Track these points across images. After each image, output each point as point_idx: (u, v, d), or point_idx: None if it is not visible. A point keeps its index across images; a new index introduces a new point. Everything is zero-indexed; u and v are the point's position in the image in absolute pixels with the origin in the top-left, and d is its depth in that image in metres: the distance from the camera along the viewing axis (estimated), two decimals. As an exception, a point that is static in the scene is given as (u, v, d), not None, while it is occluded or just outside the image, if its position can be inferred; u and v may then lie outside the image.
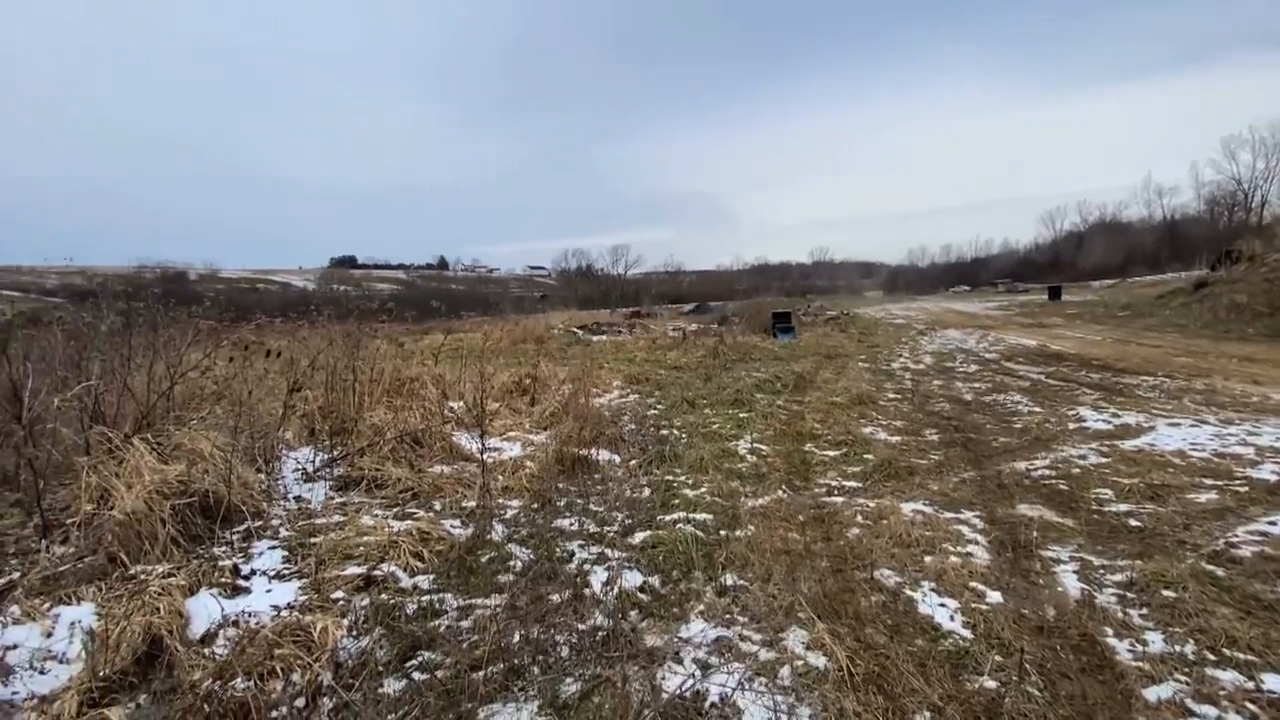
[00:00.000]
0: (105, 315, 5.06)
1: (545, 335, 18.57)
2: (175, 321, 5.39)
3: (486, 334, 13.18)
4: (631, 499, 4.20)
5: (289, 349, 6.66)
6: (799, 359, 11.86)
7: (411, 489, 4.39)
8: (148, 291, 5.89)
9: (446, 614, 2.74)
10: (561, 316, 28.85)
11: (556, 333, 20.24)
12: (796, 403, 7.49)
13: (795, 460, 5.10)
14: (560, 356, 12.48)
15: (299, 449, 5.31)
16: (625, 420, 6.61)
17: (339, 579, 3.01)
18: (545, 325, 21.06)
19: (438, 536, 3.44)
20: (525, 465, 4.92)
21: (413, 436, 4.97)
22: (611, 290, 74.87)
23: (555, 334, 19.79)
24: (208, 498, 3.61)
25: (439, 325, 17.63)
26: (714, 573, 3.07)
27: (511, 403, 7.38)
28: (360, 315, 7.62)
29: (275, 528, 3.73)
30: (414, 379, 6.48)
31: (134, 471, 3.55)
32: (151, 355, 5.16)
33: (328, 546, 3.33)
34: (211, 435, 4.20)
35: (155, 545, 3.23)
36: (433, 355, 7.50)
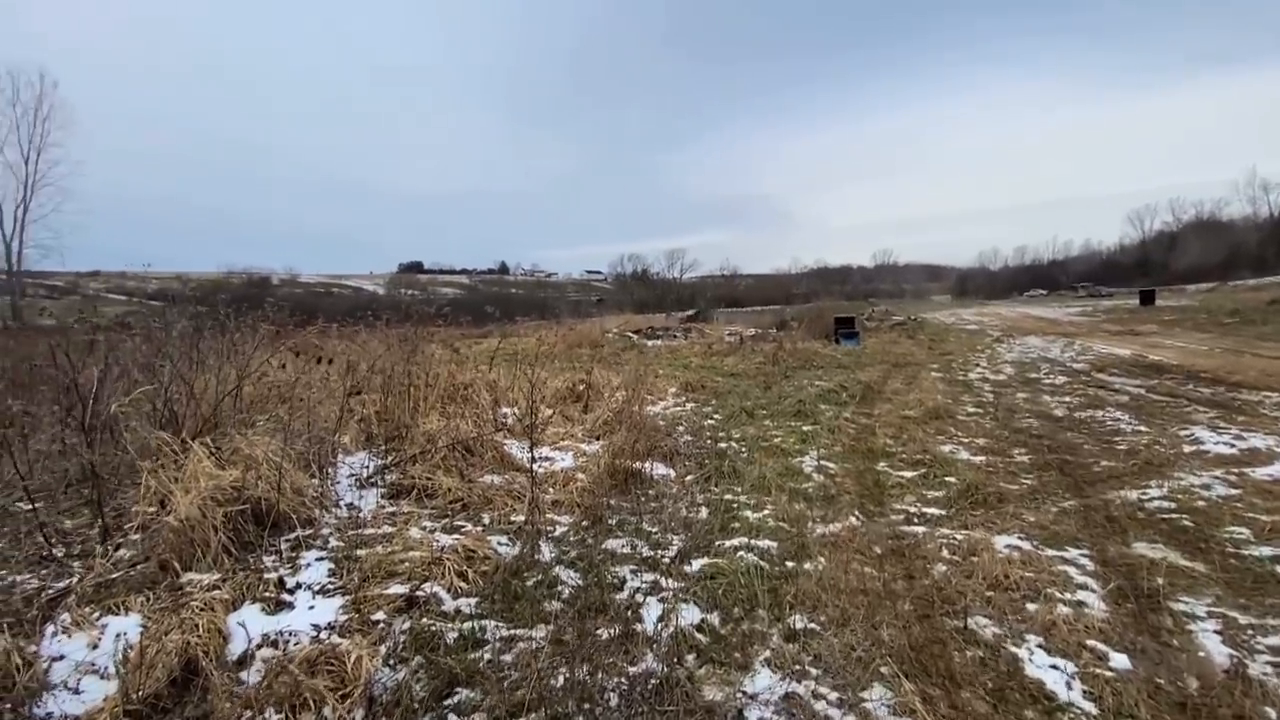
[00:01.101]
0: (176, 320, 5.22)
1: (600, 339, 18.52)
2: (242, 326, 5.52)
3: (541, 339, 13.16)
4: (687, 519, 3.93)
5: (348, 353, 6.75)
6: (865, 367, 11.26)
7: (461, 500, 4.27)
8: (217, 297, 6.08)
9: (488, 645, 2.55)
10: (617, 320, 28.86)
11: (611, 337, 20.18)
12: (865, 415, 7.02)
13: (867, 481, 4.69)
14: (615, 361, 12.34)
15: (355, 454, 5.32)
16: (681, 431, 6.35)
17: (381, 598, 2.88)
18: (601, 329, 21.03)
19: (484, 555, 3.27)
20: (576, 478, 4.73)
21: (464, 445, 4.87)
22: (667, 294, 74.68)
23: (610, 338, 19.72)
24: (260, 505, 3.58)
25: (496, 329, 17.87)
26: (781, 612, 2.76)
27: (564, 410, 7.24)
28: (418, 319, 7.69)
29: (325, 537, 3.66)
30: (468, 385, 6.43)
31: (191, 476, 3.55)
32: (219, 359, 5.29)
33: (373, 561, 3.22)
34: (266, 440, 4.20)
35: (207, 553, 3.20)
36: (487, 360, 7.46)
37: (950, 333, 19.74)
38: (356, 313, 11.15)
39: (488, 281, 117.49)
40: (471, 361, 7.09)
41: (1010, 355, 12.99)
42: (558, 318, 36.31)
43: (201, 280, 58.89)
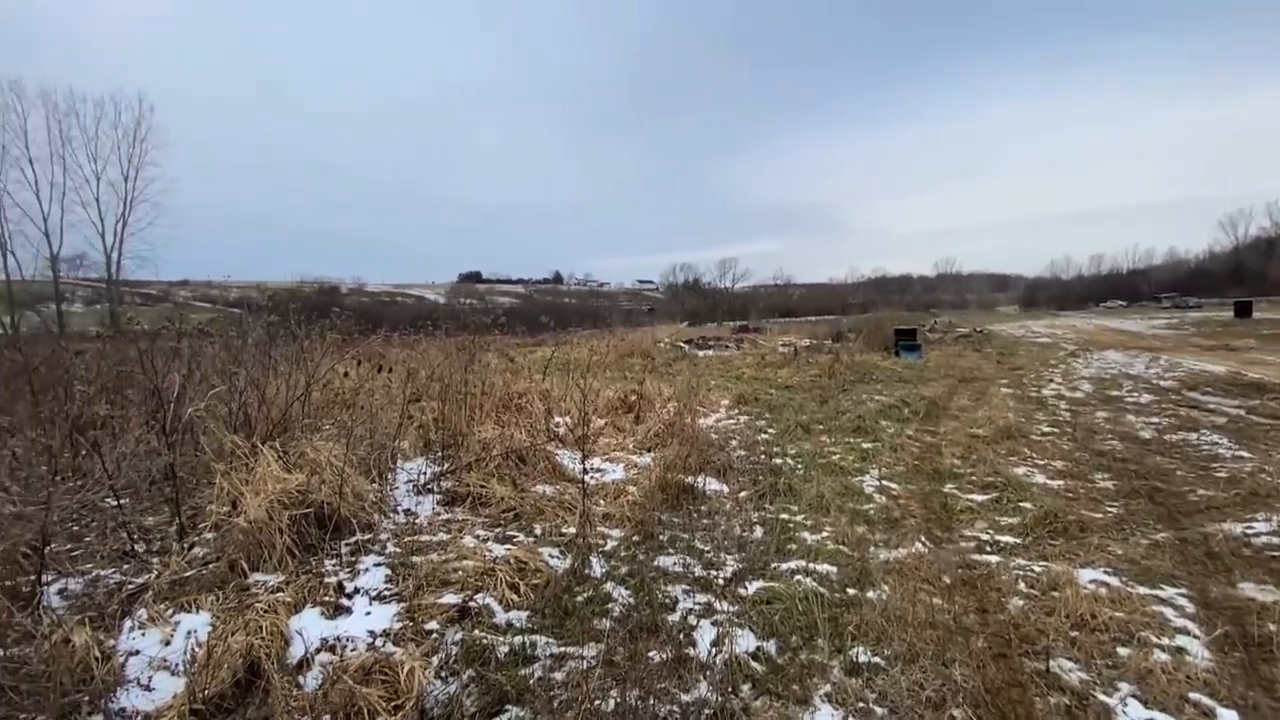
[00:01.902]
0: (252, 328, 5.49)
1: (652, 349, 18.51)
2: (311, 335, 5.76)
3: (593, 349, 13.25)
4: (742, 539, 3.81)
5: (408, 361, 6.95)
6: (928, 381, 10.79)
7: (514, 509, 4.29)
8: (289, 306, 6.38)
9: (539, 661, 2.52)
10: (668, 330, 28.83)
11: (663, 347, 20.14)
12: (929, 433, 6.69)
13: (934, 504, 4.45)
14: (666, 372, 12.28)
15: (414, 459, 5.44)
16: (734, 445, 6.21)
17: (435, 607, 2.89)
18: (652, 339, 21.03)
19: (535, 568, 3.26)
20: (627, 491, 4.68)
21: (518, 454, 4.90)
22: (718, 304, 74.21)
23: (662, 348, 19.68)
24: (323, 508, 3.68)
25: (549, 338, 18.12)
26: (841, 643, 2.62)
27: (616, 420, 7.23)
28: (475, 329, 7.86)
29: (383, 542, 3.74)
30: (522, 394, 6.50)
31: (260, 479, 3.69)
32: (290, 366, 5.52)
33: (427, 569, 3.25)
34: (330, 445, 4.34)
35: (272, 555, 3.31)
36: (541, 369, 7.53)
37: (1020, 346, 18.74)
38: (418, 321, 11.53)
39: (542, 291, 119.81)
40: (526, 370, 7.17)
41: (1088, 371, 12.19)
42: (610, 327, 36.59)
43: (277, 289, 62.45)
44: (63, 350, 5.97)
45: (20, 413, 5.80)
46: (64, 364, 6.01)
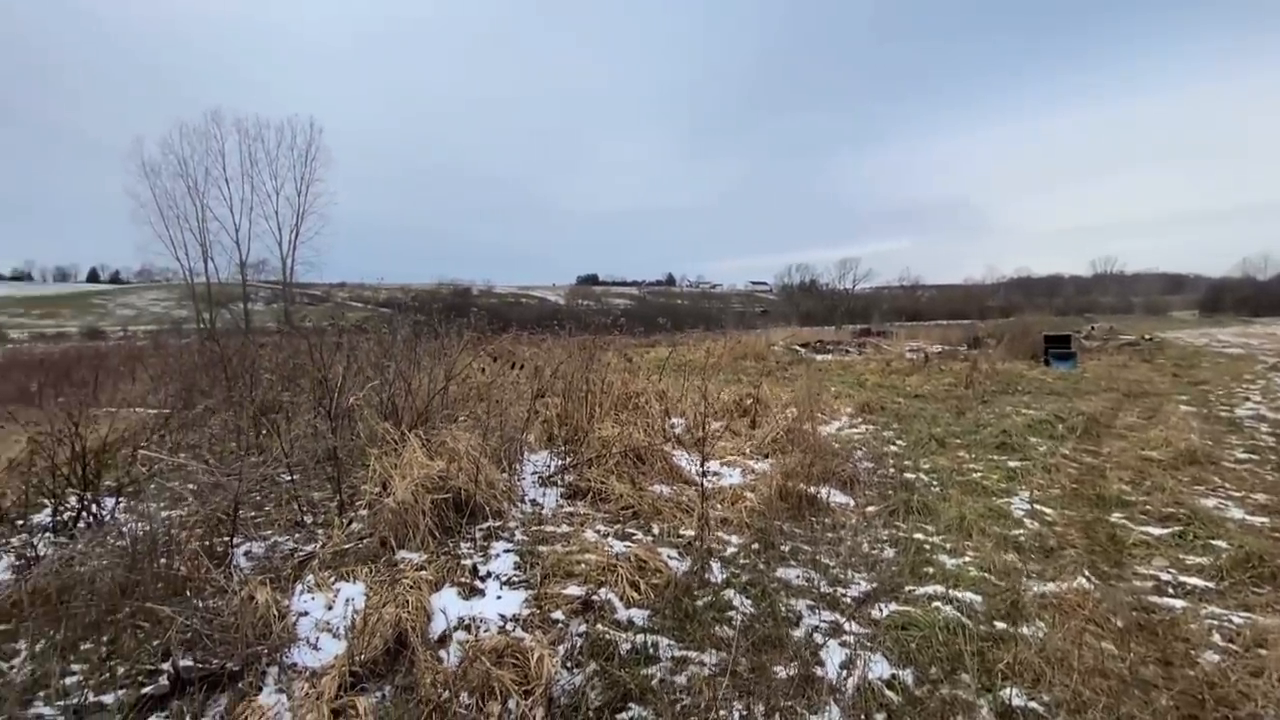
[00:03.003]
0: (401, 326, 6.04)
1: (766, 352, 18.08)
2: (450, 332, 6.23)
3: (709, 350, 13.15)
4: (871, 557, 3.59)
5: (535, 358, 7.29)
6: (1085, 395, 9.60)
7: (632, 507, 4.34)
8: (431, 306, 6.94)
9: (660, 663, 2.52)
10: (783, 333, 28.01)
11: (777, 350, 19.60)
12: (1090, 453, 5.94)
13: (1098, 534, 3.92)
14: (781, 375, 11.92)
15: (539, 452, 5.70)
16: (858, 456, 5.88)
17: (560, 597, 2.99)
18: (766, 342, 20.55)
19: (655, 568, 3.27)
20: (745, 496, 4.58)
21: (636, 453, 4.97)
22: (836, 306, 70.96)
23: (776, 351, 19.17)
24: (460, 494, 3.95)
25: (663, 339, 18.30)
26: (990, 681, 2.37)
27: (731, 424, 7.12)
28: (596, 329, 8.10)
29: (512, 530, 3.94)
30: (639, 393, 6.59)
31: (407, 464, 4.03)
32: (431, 360, 6.00)
33: (553, 559, 3.38)
34: (466, 435, 4.65)
35: (416, 534, 3.59)
36: (657, 370, 7.59)
37: (1202, 356, 16.13)
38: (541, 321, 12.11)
39: (655, 293, 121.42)
40: (643, 371, 7.27)
41: (1299, 389, 10.23)
42: (723, 329, 36.28)
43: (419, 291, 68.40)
44: (250, 344, 6.94)
45: (216, 396, 6.79)
46: (251, 356, 6.96)
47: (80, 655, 2.52)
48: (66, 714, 2.15)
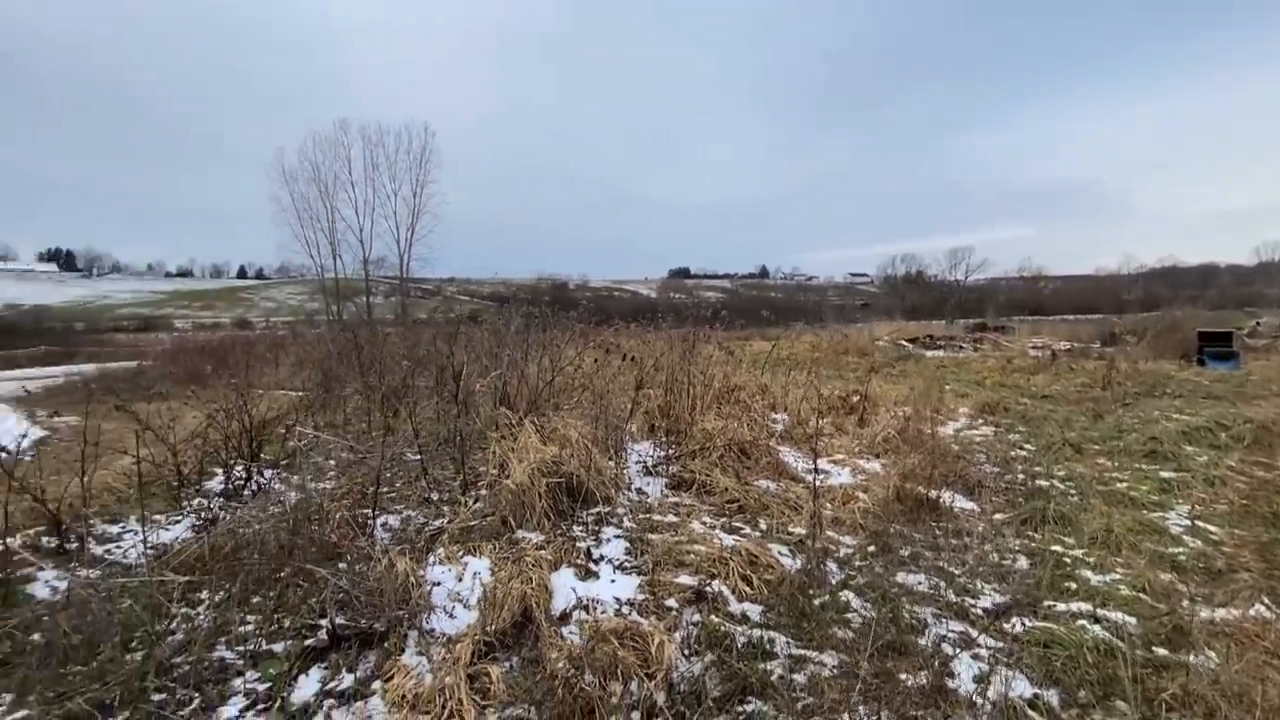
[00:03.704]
0: (513, 318, 6.33)
1: (870, 347, 17.27)
2: (558, 324, 6.46)
3: (813, 344, 12.76)
4: (1001, 568, 3.34)
5: (635, 351, 7.39)
6: (1252, 400, 8.38)
7: (737, 501, 4.31)
8: (541, 299, 7.23)
9: (777, 659, 2.48)
10: (887, 327, 26.63)
11: (882, 345, 18.67)
12: (1263, 466, 5.19)
13: (1278, 558, 3.43)
14: (888, 372, 11.35)
15: (641, 442, 5.79)
16: (980, 459, 5.49)
17: (672, 585, 3.02)
18: (869, 336, 19.63)
19: (766, 563, 3.22)
20: (857, 497, 4.41)
21: (740, 447, 4.92)
22: (946, 299, 66.53)
23: (881, 346, 18.26)
24: (572, 479, 4.08)
25: (756, 333, 17.93)
26: (1152, 711, 2.13)
27: (837, 420, 6.87)
28: (695, 321, 8.08)
29: (620, 516, 4.02)
30: (740, 387, 6.50)
31: (523, 449, 4.23)
32: (540, 351, 6.25)
33: (663, 548, 3.42)
34: (576, 423, 4.80)
35: (533, 515, 3.76)
36: (759, 364, 7.46)
37: None
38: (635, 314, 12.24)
39: (748, 285, 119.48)
40: (746, 364, 7.17)
41: None
42: (820, 322, 35.06)
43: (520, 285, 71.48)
44: (380, 334, 7.56)
45: (350, 381, 7.44)
46: (380, 345, 7.57)
47: (252, 607, 2.85)
48: (245, 658, 2.45)
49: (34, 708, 2.14)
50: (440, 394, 5.94)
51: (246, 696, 2.21)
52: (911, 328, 26.02)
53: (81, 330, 47.46)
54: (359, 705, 2.16)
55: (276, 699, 2.18)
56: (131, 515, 4.10)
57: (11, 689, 2.27)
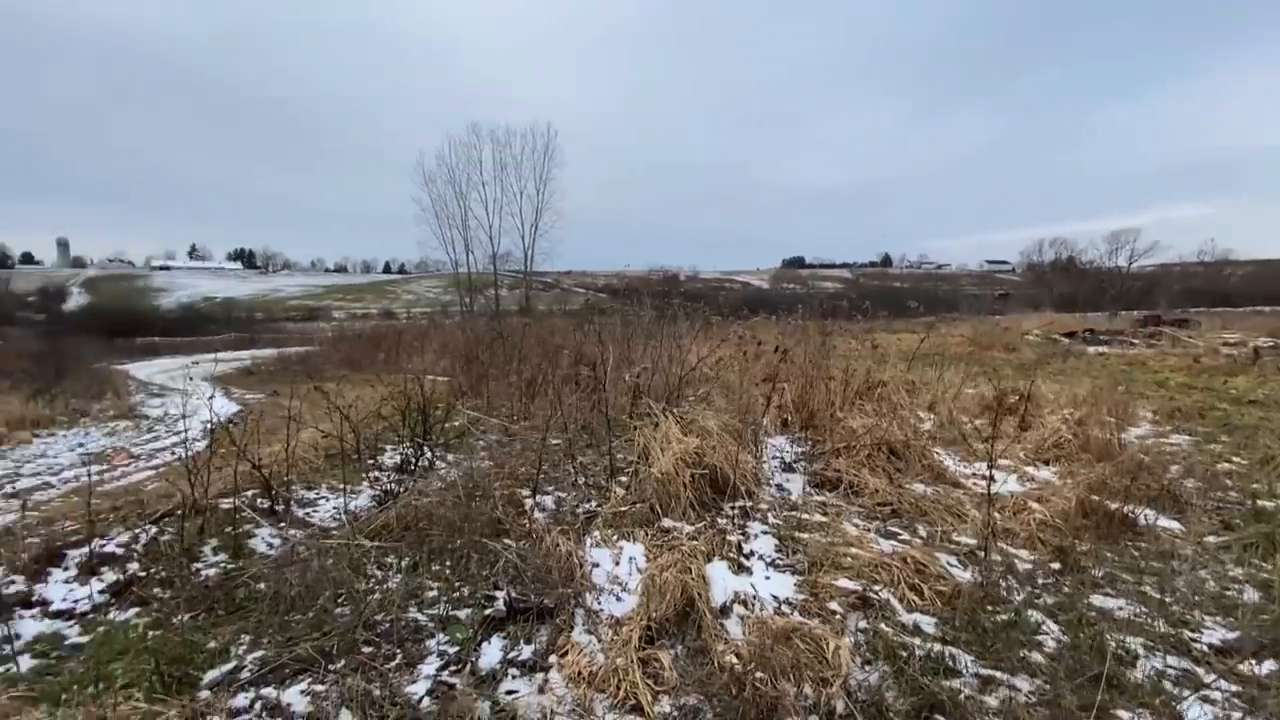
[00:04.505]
0: (646, 308, 6.41)
1: (1018, 342, 15.67)
2: (689, 315, 6.46)
3: (949, 338, 11.81)
4: (1223, 599, 2.87)
5: (763, 344, 7.22)
6: None
7: (890, 504, 4.07)
8: (674, 290, 7.26)
9: (962, 676, 2.30)
10: (1036, 320, 24.05)
11: (1032, 339, 16.89)
12: None
13: None
14: (1045, 370, 10.22)
15: (775, 437, 5.65)
16: (1175, 471, 4.78)
17: (832, 588, 2.90)
18: (1017, 329, 17.84)
19: (936, 573, 3.00)
20: (1030, 507, 3.99)
21: (889, 447, 4.64)
22: (1105, 288, 58.85)
23: (1030, 340, 16.52)
24: (715, 472, 4.06)
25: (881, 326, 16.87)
26: None
27: (991, 422, 6.28)
28: (825, 313, 7.76)
29: (764, 512, 3.94)
30: (883, 383, 6.14)
31: (664, 439, 4.27)
32: (670, 342, 6.28)
33: (817, 549, 3.30)
34: (714, 415, 4.77)
35: (678, 505, 3.79)
36: (905, 359, 7.00)
37: None
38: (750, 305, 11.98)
39: (869, 275, 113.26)
40: (891, 359, 6.76)
41: None
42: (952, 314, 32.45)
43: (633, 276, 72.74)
44: (520, 325, 8.00)
45: (494, 367, 7.91)
46: (520, 334, 7.99)
47: (433, 574, 3.11)
48: (435, 622, 2.66)
49: (268, 649, 2.47)
50: (577, 382, 6.15)
51: (440, 657, 2.40)
52: (1066, 320, 23.32)
53: (260, 319, 54.76)
54: (540, 677, 2.27)
55: (466, 663, 2.35)
56: (323, 483, 4.63)
57: (249, 631, 2.64)
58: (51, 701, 2.09)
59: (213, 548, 3.49)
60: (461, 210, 32.58)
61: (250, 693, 2.16)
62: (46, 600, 2.92)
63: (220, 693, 2.16)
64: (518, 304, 35.44)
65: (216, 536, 3.57)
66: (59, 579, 3.10)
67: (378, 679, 2.23)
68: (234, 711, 2.06)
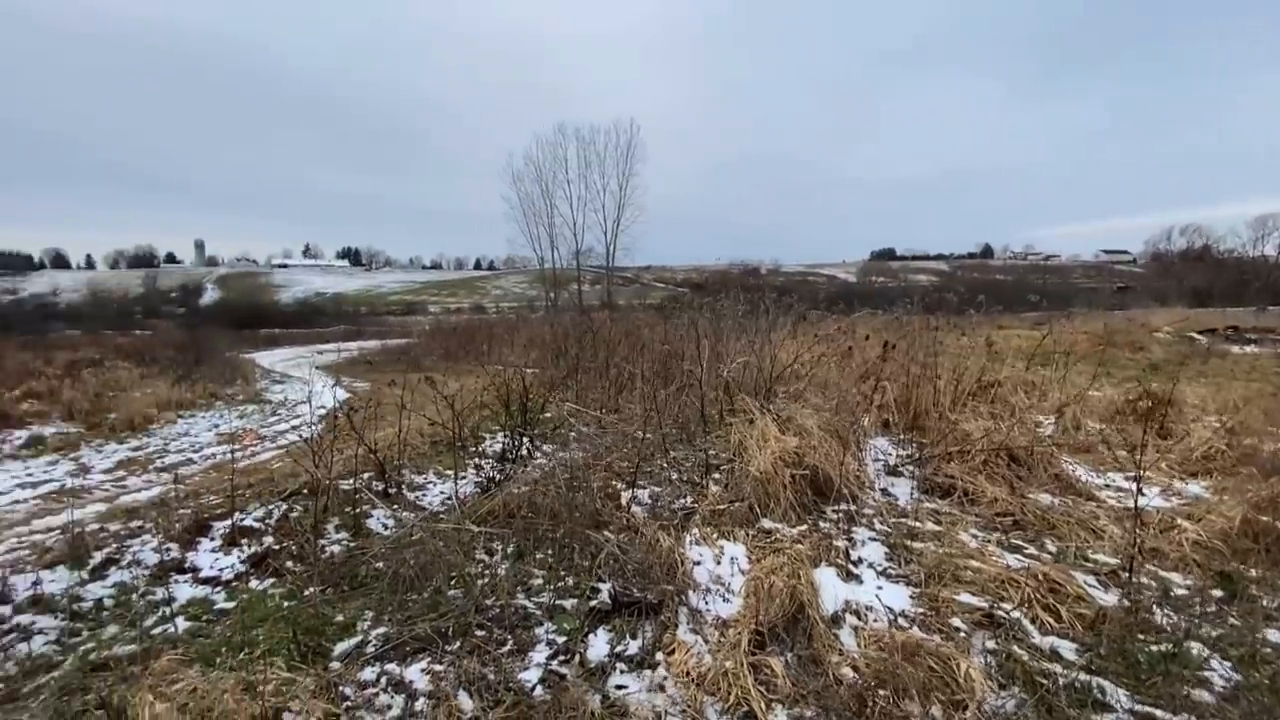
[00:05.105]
0: (738, 302, 6.27)
1: (1145, 339, 14.12)
2: (783, 309, 6.26)
3: (1101, 335, 10.79)
4: None
5: (857, 339, 6.89)
6: None
7: (1011, 515, 3.75)
8: (761, 284, 7.08)
9: (1114, 712, 2.06)
10: (1166, 316, 21.62)
11: (1163, 337, 15.19)
12: None
13: None
14: (1183, 372, 9.13)
15: (875, 438, 5.38)
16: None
17: (954, 603, 2.70)
18: (1147, 327, 16.11)
19: (1073, 594, 2.72)
20: (1179, 524, 3.56)
21: (1009, 452, 4.28)
22: (1247, 280, 51.99)
23: (1162, 338, 14.86)
24: (816, 473, 3.90)
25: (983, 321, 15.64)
26: None
27: (1122, 428, 5.68)
28: (928, 307, 7.31)
29: (869, 517, 3.75)
30: (997, 383, 5.69)
31: (761, 436, 4.15)
32: (764, 337, 6.11)
33: (931, 559, 3.09)
34: (812, 413, 4.59)
35: (778, 506, 3.67)
36: (1021, 357, 6.47)
37: None
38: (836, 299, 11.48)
39: (967, 267, 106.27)
40: (1009, 358, 6.26)
41: None
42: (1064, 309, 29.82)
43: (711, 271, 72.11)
44: (607, 318, 8.09)
45: (583, 361, 8.02)
46: (606, 328, 8.05)
47: (538, 562, 3.17)
48: (542, 610, 2.71)
49: (390, 626, 2.59)
50: (666, 377, 6.12)
51: (549, 645, 2.43)
52: (1203, 316, 20.81)
53: (365, 313, 58.84)
54: (648, 673, 2.25)
55: (574, 653, 2.37)
56: (430, 469, 4.86)
57: (371, 607, 2.79)
58: (205, 662, 2.29)
59: (335, 525, 3.74)
60: (547, 207, 33.47)
61: (375, 667, 2.28)
62: (197, 567, 3.23)
63: (350, 665, 2.29)
64: (599, 299, 35.98)
65: (338, 515, 3.83)
66: (206, 548, 3.42)
67: (491, 663, 2.28)
68: (362, 684, 2.18)
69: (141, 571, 3.11)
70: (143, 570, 3.12)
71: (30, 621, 2.60)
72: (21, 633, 2.51)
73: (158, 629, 2.62)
